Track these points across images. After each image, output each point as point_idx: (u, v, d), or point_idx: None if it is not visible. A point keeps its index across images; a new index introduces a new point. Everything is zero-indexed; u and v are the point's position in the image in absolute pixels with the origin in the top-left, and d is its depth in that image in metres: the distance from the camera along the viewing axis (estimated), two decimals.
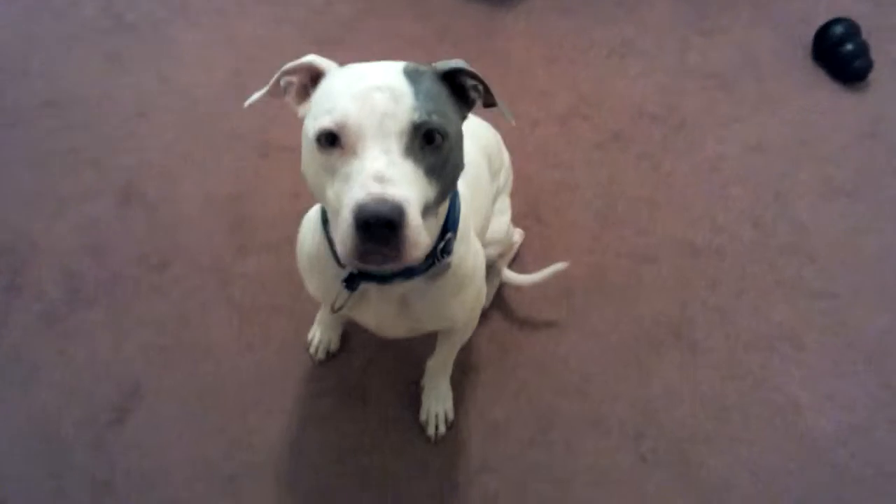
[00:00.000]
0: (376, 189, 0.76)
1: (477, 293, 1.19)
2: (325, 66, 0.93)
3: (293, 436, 1.48)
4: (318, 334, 1.58)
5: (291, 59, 0.94)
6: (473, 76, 0.93)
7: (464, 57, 0.97)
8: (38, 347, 1.57)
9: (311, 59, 0.94)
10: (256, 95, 1.00)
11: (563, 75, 2.11)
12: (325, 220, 1.04)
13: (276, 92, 0.98)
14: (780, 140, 2.00)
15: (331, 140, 0.81)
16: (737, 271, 1.76)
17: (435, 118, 0.83)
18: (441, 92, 0.89)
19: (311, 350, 1.58)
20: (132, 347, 1.58)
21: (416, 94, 0.83)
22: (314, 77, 0.94)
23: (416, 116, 0.81)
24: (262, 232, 1.74)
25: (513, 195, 1.64)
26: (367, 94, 0.81)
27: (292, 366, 1.57)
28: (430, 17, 2.22)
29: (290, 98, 0.97)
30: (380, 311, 1.12)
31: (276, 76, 0.96)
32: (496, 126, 1.51)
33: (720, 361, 1.62)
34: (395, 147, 0.80)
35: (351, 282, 1.05)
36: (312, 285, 1.18)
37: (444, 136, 0.84)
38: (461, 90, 0.94)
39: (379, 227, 0.76)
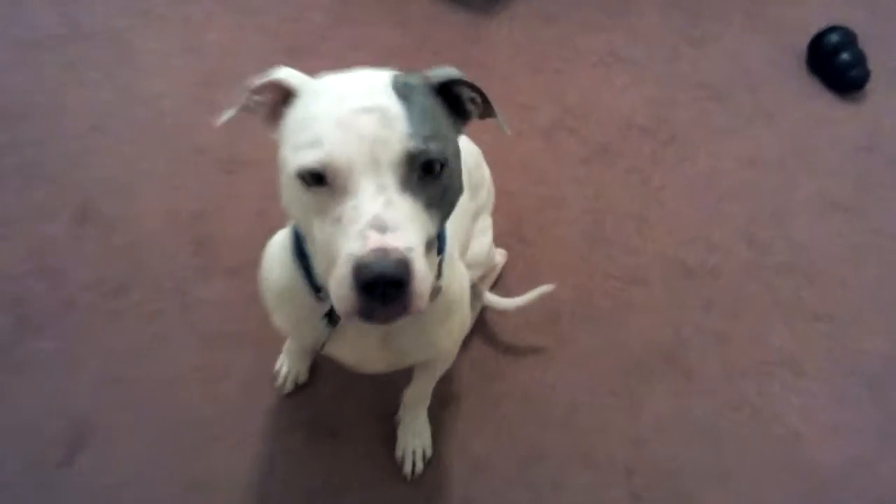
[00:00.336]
0: (376, 240, 0.68)
1: (463, 319, 1.11)
2: (297, 84, 0.80)
3: (258, 475, 1.39)
4: (286, 365, 1.48)
5: (260, 70, 0.82)
6: (472, 86, 0.83)
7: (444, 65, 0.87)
8: None
9: (280, 75, 0.81)
10: (226, 115, 0.87)
11: (548, 86, 2.04)
12: (297, 247, 0.93)
13: (247, 109, 0.87)
14: (776, 154, 1.94)
15: (316, 179, 0.72)
16: (732, 292, 1.69)
17: (433, 146, 0.73)
18: (436, 108, 0.79)
19: (279, 382, 1.48)
20: (85, 380, 1.48)
21: (410, 115, 0.73)
22: (286, 94, 0.82)
23: (411, 145, 0.71)
24: (227, 253, 1.64)
25: (494, 213, 1.56)
26: (353, 119, 0.71)
27: (258, 399, 1.48)
28: (408, 24, 2.13)
29: (260, 120, 0.84)
30: (359, 346, 1.03)
31: (242, 97, 0.84)
32: (476, 140, 1.42)
33: (715, 389, 1.55)
34: (391, 182, 0.71)
35: (332, 316, 0.96)
36: (282, 320, 1.08)
37: (444, 163, 0.75)
38: (455, 101, 0.84)
39: (383, 285, 0.68)
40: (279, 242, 1.05)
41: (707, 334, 1.62)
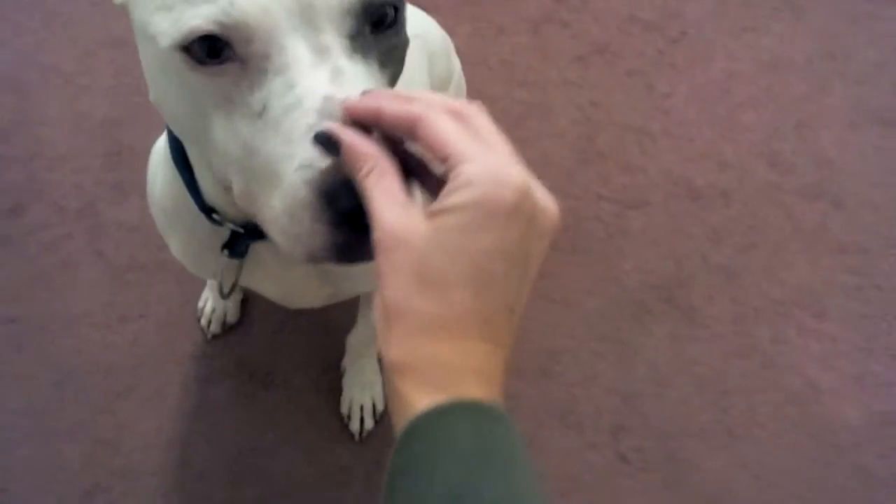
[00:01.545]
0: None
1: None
2: None
3: (176, 433, 1.22)
4: (211, 301, 1.28)
5: None
6: None
7: None
8: None
9: None
10: None
11: None
12: (178, 153, 0.69)
13: None
14: (803, 55, 1.71)
15: (212, 49, 0.46)
16: (746, 219, 1.49)
17: None
18: None
19: (203, 321, 1.29)
20: None
21: None
22: None
23: None
24: (146, 167, 1.41)
25: None
26: None
27: (177, 342, 1.29)
28: None
29: None
30: (284, 277, 0.81)
31: None
32: (449, 33, 1.20)
33: (722, 334, 1.37)
34: (334, 40, 0.47)
35: (235, 245, 0.73)
36: (177, 247, 0.85)
37: (400, 6, 0.52)
38: None
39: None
40: (163, 144, 0.80)
41: (715, 269, 1.44)
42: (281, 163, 0.45)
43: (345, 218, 0.44)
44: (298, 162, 0.44)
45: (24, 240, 1.34)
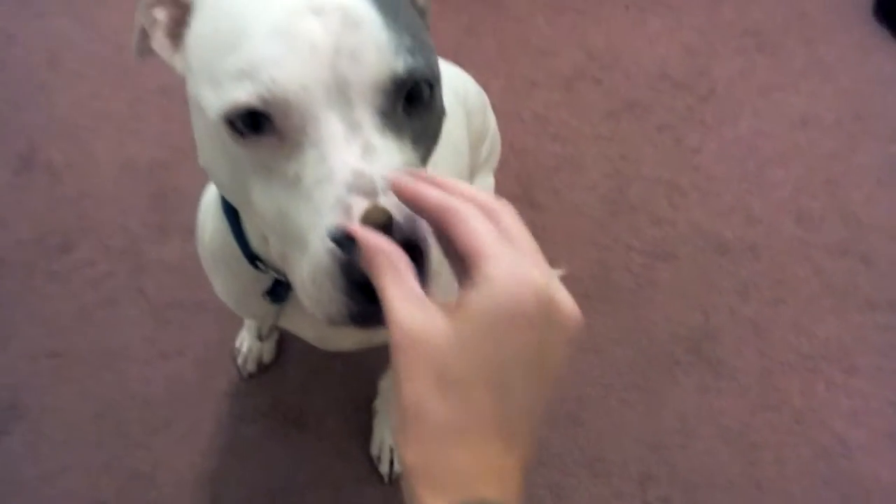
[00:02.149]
0: (362, 207, 0.47)
1: (447, 284, 0.89)
2: None
3: (209, 469, 1.23)
4: (248, 341, 1.30)
5: None
6: None
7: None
8: None
9: None
10: (134, 41, 0.65)
11: (571, 29, 1.83)
12: (226, 206, 0.73)
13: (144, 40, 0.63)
14: (832, 114, 1.73)
15: (254, 123, 0.49)
16: (774, 274, 1.50)
17: (421, 61, 0.51)
18: (408, 6, 0.57)
19: (239, 360, 1.31)
20: (15, 352, 1.31)
21: (386, 17, 0.50)
22: (185, 6, 0.58)
23: (397, 63, 0.49)
24: (189, 209, 1.42)
25: (502, 172, 1.37)
26: (298, 23, 0.48)
27: (214, 379, 1.31)
28: None
29: (156, 44, 0.61)
30: (318, 321, 0.82)
31: (137, 16, 0.61)
32: (484, 88, 1.23)
33: (750, 387, 1.37)
34: (367, 117, 0.49)
35: (276, 291, 0.77)
36: (220, 288, 0.90)
37: (433, 84, 0.53)
38: None
39: None
40: (214, 194, 0.84)
41: (743, 322, 1.44)
42: (310, 231, 0.48)
43: (361, 288, 0.46)
44: (325, 230, 0.47)
45: (70, 276, 1.38)
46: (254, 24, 0.48)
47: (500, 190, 1.36)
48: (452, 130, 0.97)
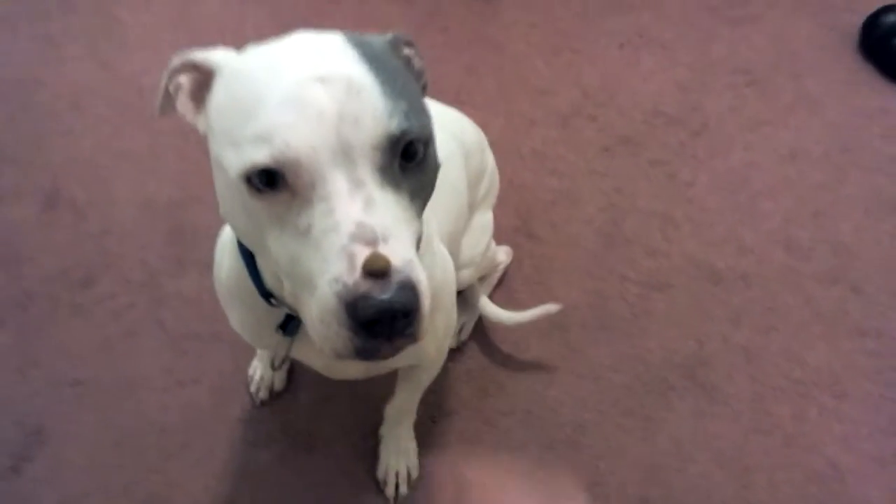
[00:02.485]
0: (363, 255, 0.53)
1: (447, 315, 0.96)
2: (216, 61, 0.64)
3: (223, 492, 1.27)
4: (260, 370, 1.36)
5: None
6: (411, 44, 0.70)
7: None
8: None
9: (194, 56, 0.66)
10: (158, 102, 0.72)
11: (567, 69, 1.89)
12: (242, 248, 0.79)
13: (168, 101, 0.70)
14: (820, 148, 1.78)
15: (269, 180, 0.56)
16: (766, 302, 1.54)
17: (415, 123, 0.57)
18: (406, 73, 0.65)
19: (252, 388, 1.36)
20: (40, 380, 1.37)
21: (382, 83, 0.57)
22: (207, 74, 0.66)
23: (392, 125, 0.56)
24: (205, 244, 1.48)
25: (502, 206, 1.43)
26: (306, 92, 0.55)
27: (229, 406, 1.36)
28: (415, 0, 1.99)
29: (180, 106, 0.69)
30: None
31: (163, 81, 0.69)
32: (484, 127, 1.31)
33: (743, 412, 1.41)
34: (368, 174, 0.56)
35: (288, 325, 0.83)
36: (236, 321, 0.96)
37: (427, 143, 0.60)
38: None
39: (390, 318, 0.54)
40: (230, 235, 0.91)
41: (735, 349, 1.48)
42: (318, 275, 0.55)
43: (364, 325, 0.53)
44: (331, 276, 0.53)
45: (93, 308, 1.44)
46: (268, 93, 0.56)
47: (500, 223, 1.41)
48: (450, 171, 1.04)
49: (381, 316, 0.52)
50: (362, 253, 0.52)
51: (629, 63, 1.91)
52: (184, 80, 0.67)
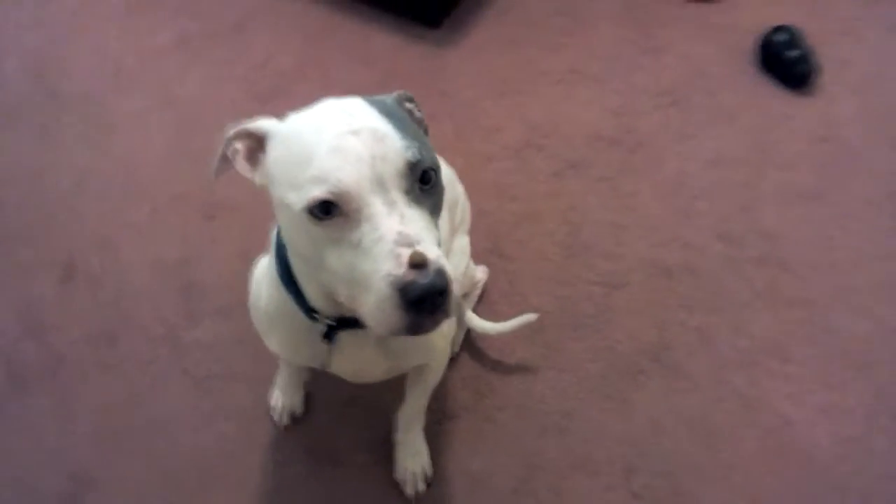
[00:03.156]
0: (407, 254, 0.71)
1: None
2: (267, 128, 0.84)
3: None
4: (281, 398, 1.49)
5: (234, 118, 0.86)
6: (411, 100, 0.91)
7: None
8: None
9: (248, 125, 0.85)
10: (214, 165, 0.90)
11: (514, 108, 2.08)
12: (285, 274, 0.95)
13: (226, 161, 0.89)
14: (739, 151, 1.98)
15: (326, 210, 0.73)
16: (711, 288, 1.71)
17: (426, 155, 0.77)
18: (410, 121, 0.85)
19: (276, 416, 1.49)
20: (81, 434, 1.48)
21: (398, 130, 0.76)
22: (261, 140, 0.85)
23: (409, 155, 0.75)
24: (214, 296, 1.66)
25: (472, 232, 1.58)
26: (345, 142, 0.74)
27: (256, 435, 1.48)
28: (373, 62, 2.18)
29: (239, 166, 0.88)
30: (356, 357, 1.05)
31: (220, 148, 0.87)
32: (449, 163, 1.46)
33: (704, 384, 1.56)
34: (399, 196, 0.74)
35: (331, 335, 0.98)
36: (276, 344, 1.11)
37: (436, 170, 0.79)
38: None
39: (431, 297, 0.71)
40: (264, 268, 1.08)
41: (691, 331, 1.63)
42: (372, 275, 0.73)
43: (413, 304, 0.71)
44: (384, 272, 0.71)
45: (119, 365, 1.57)
46: (317, 146, 0.75)
47: (475, 246, 1.57)
48: None
49: (426, 294, 0.70)
50: (405, 252, 0.71)
51: (567, 96, 2.10)
52: (239, 145, 0.86)
